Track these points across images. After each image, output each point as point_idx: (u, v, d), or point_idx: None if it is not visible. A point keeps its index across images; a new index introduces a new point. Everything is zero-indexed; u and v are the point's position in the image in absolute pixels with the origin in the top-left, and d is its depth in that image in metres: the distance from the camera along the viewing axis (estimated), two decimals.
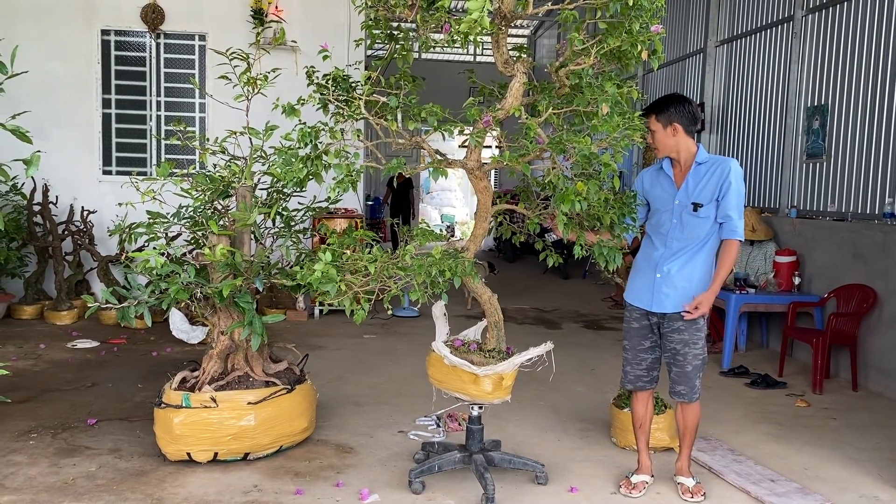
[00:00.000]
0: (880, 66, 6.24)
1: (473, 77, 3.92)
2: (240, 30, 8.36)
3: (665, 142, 3.63)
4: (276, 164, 3.39)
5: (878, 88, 6.26)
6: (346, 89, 3.52)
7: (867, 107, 6.38)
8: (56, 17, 8.19)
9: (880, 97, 6.22)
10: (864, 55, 6.46)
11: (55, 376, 5.57)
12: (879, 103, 6.23)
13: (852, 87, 6.59)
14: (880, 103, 6.22)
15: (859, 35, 6.54)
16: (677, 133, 3.60)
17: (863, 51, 6.48)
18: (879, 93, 6.23)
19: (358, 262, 3.35)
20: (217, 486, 3.69)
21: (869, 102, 6.35)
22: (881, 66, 6.23)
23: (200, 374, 4.10)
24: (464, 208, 22.81)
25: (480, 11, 2.89)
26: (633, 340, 3.81)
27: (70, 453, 4.06)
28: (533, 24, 18.07)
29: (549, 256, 3.84)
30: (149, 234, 4.16)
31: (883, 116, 6.18)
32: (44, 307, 7.69)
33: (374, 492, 3.66)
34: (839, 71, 6.79)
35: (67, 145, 8.23)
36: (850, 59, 6.64)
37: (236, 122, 4.33)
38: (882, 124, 6.18)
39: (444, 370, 3.66)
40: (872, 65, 6.34)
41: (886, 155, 6.12)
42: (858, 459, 4.33)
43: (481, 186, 3.62)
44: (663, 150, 3.66)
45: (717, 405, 5.24)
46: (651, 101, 3.71)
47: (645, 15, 3.13)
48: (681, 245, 3.63)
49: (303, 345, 6.54)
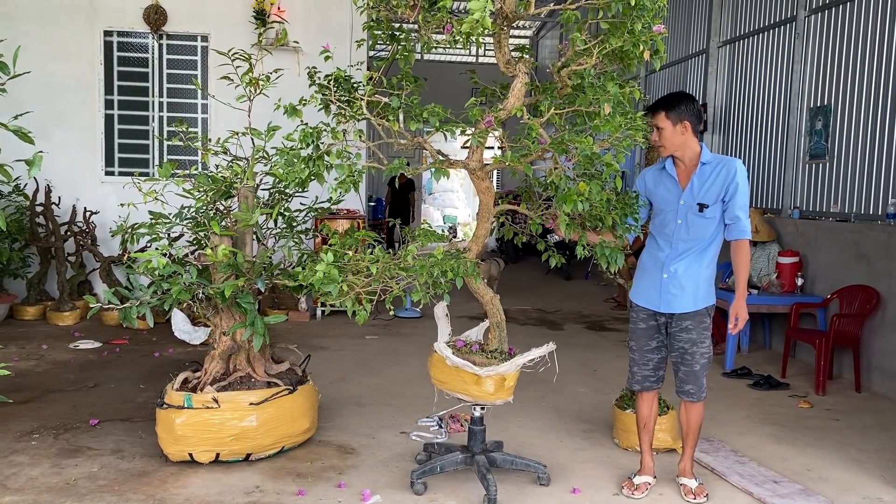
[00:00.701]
0: (883, 67, 6.23)
1: (475, 77, 3.91)
2: (242, 31, 8.37)
3: (673, 140, 3.59)
4: (278, 165, 3.40)
5: (881, 89, 6.24)
6: (347, 90, 3.52)
7: (870, 107, 6.36)
8: (59, 18, 8.20)
9: (883, 97, 6.20)
10: (867, 55, 6.45)
11: (57, 377, 5.57)
12: (883, 104, 6.21)
13: (855, 88, 6.58)
14: (883, 104, 6.20)
15: (862, 35, 6.53)
16: (686, 132, 3.57)
17: (866, 51, 6.46)
18: (882, 93, 6.22)
19: (360, 262, 3.35)
20: (219, 487, 3.69)
21: (872, 103, 6.34)
22: (884, 67, 6.22)
23: (202, 374, 4.10)
24: (466, 209, 22.80)
25: (482, 11, 2.89)
26: (640, 341, 3.80)
27: (72, 454, 4.06)
28: (535, 26, 18.07)
29: (551, 257, 3.84)
30: (151, 234, 4.16)
31: (886, 117, 6.16)
32: (46, 308, 7.70)
33: (376, 493, 3.65)
34: (842, 71, 6.78)
35: (70, 146, 8.24)
36: (853, 60, 6.63)
37: (238, 123, 4.34)
38: (885, 125, 6.17)
39: (447, 371, 3.66)
40: (875, 65, 6.33)
41: (890, 155, 6.11)
42: (861, 461, 4.32)
43: (483, 187, 3.61)
44: (670, 147, 3.61)
45: (719, 406, 5.23)
46: (656, 99, 3.69)
47: (647, 15, 3.13)
48: (686, 246, 3.62)
49: (305, 345, 6.54)
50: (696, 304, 3.62)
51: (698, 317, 3.64)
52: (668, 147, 3.61)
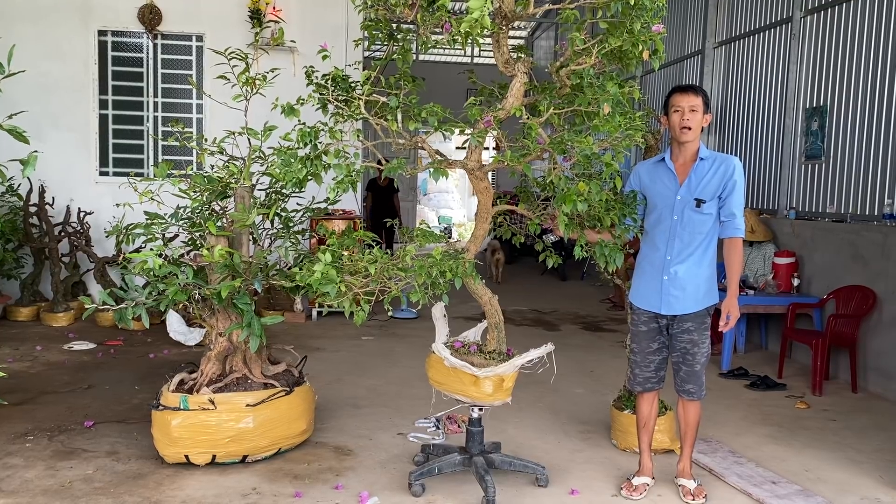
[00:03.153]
0: (879, 67, 6.24)
1: (474, 77, 3.90)
2: (238, 30, 8.34)
3: (697, 126, 3.57)
4: (275, 165, 3.38)
5: (876, 89, 6.25)
6: (345, 89, 3.50)
7: (866, 108, 6.37)
8: (53, 18, 8.16)
9: (879, 98, 6.21)
10: (862, 56, 6.46)
11: (52, 378, 5.54)
12: (878, 104, 6.22)
13: (851, 88, 6.58)
14: (879, 104, 6.21)
15: (858, 36, 6.54)
16: (706, 124, 3.61)
17: (861, 52, 6.47)
18: (878, 94, 6.22)
19: (358, 263, 3.33)
20: (215, 489, 3.66)
21: (868, 103, 6.35)
22: (880, 67, 6.23)
23: (198, 375, 4.07)
24: (461, 210, 22.79)
25: (481, 11, 2.88)
26: (642, 343, 3.79)
27: (67, 456, 4.03)
28: (530, 26, 18.06)
29: (548, 257, 3.83)
30: (146, 234, 4.13)
31: (882, 117, 6.17)
32: (40, 309, 7.66)
33: (374, 494, 3.63)
34: (838, 72, 6.79)
35: (64, 146, 8.20)
36: (849, 60, 6.63)
37: (234, 123, 4.31)
38: (881, 125, 6.18)
39: (444, 372, 3.64)
40: (871, 66, 6.34)
41: (886, 156, 6.12)
42: (859, 461, 4.32)
43: (482, 187, 3.60)
44: (695, 131, 3.57)
45: (716, 407, 5.22)
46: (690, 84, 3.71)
47: (646, 14, 3.12)
48: (683, 244, 3.61)
49: (301, 347, 6.51)
50: (698, 305, 3.62)
51: (699, 317, 3.64)
52: (694, 130, 3.56)
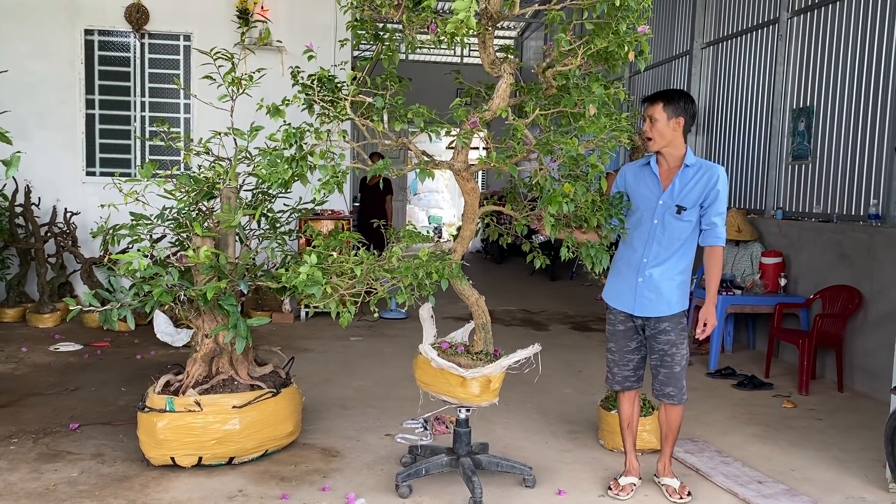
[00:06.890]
0: (865, 68, 6.28)
1: (460, 78, 3.90)
2: (225, 30, 8.31)
3: (664, 133, 3.56)
4: (261, 165, 3.36)
5: (862, 90, 6.29)
6: (331, 90, 3.49)
7: (853, 108, 6.41)
8: (39, 17, 8.10)
9: (865, 99, 6.25)
10: (849, 57, 6.50)
11: (37, 380, 5.50)
12: (864, 105, 6.26)
13: (837, 89, 6.62)
14: (865, 105, 6.25)
15: (845, 37, 6.58)
16: (678, 128, 3.57)
17: (848, 53, 6.51)
18: (864, 94, 6.26)
19: (344, 264, 3.32)
20: (201, 491, 3.65)
21: (854, 104, 6.39)
22: (866, 68, 6.27)
23: (184, 377, 4.05)
24: (451, 210, 22.80)
25: (467, 11, 2.87)
26: (620, 342, 3.81)
27: (52, 458, 4.00)
28: (519, 27, 18.09)
29: (536, 258, 3.83)
30: (132, 235, 4.11)
31: (868, 118, 6.21)
32: (26, 310, 7.60)
33: (361, 496, 3.62)
34: (825, 73, 6.82)
35: (50, 146, 8.15)
36: (836, 61, 6.67)
37: (221, 123, 4.29)
38: (867, 126, 6.22)
39: (432, 373, 3.64)
40: (858, 67, 6.38)
41: (871, 156, 6.16)
42: (845, 460, 4.34)
43: (468, 188, 3.60)
44: (660, 140, 3.58)
45: (703, 406, 5.25)
46: (657, 91, 3.69)
47: (632, 16, 3.13)
48: (661, 248, 3.61)
49: (288, 347, 6.50)
50: (671, 309, 3.63)
51: (675, 318, 3.65)
52: (658, 140, 3.58)
